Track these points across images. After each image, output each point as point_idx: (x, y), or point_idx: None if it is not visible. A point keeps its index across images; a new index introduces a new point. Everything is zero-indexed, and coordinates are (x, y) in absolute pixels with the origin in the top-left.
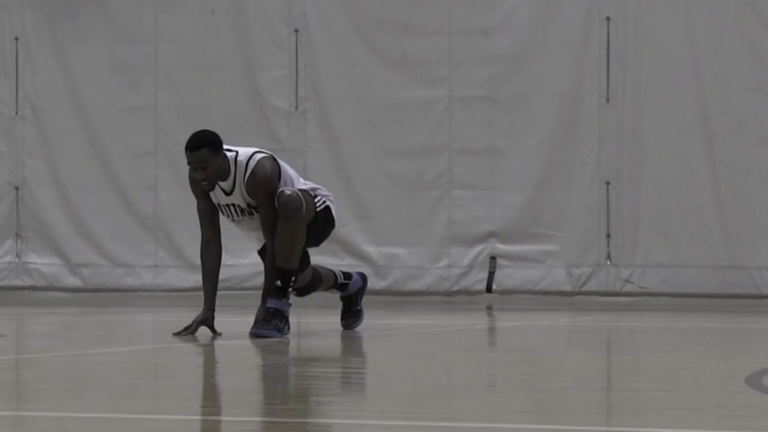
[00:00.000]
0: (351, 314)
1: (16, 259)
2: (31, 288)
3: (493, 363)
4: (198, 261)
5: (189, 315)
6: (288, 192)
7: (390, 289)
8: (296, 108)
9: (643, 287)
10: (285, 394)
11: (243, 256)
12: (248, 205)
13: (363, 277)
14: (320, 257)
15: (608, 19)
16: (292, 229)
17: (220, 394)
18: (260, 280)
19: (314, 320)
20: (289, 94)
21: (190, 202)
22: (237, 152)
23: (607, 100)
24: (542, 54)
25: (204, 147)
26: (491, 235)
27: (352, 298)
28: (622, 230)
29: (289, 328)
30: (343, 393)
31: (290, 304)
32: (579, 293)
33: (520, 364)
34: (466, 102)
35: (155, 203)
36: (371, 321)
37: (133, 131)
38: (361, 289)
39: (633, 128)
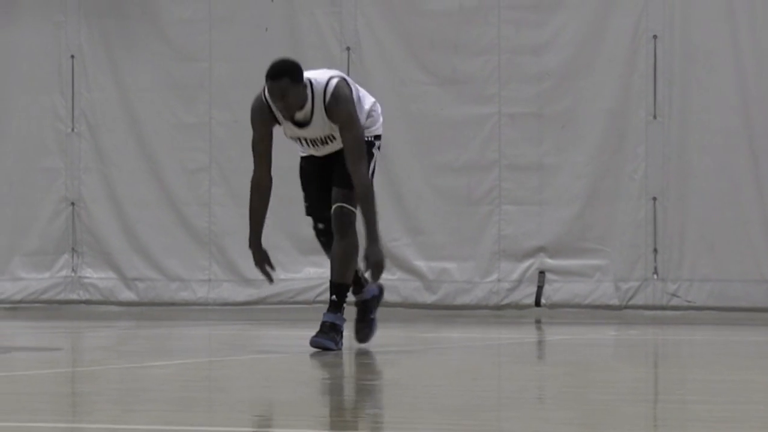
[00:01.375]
0: (365, 323)
1: (72, 274)
2: (87, 302)
3: (541, 376)
4: (250, 275)
5: (243, 329)
6: (342, 204)
7: (440, 303)
8: None
9: (689, 301)
10: (337, 406)
11: (296, 271)
12: (326, 136)
13: (380, 288)
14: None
15: (655, 36)
16: (347, 243)
17: (274, 407)
18: (312, 294)
19: None
20: None
21: (243, 217)
22: (311, 79)
23: (654, 116)
24: (590, 71)
25: (285, 76)
26: (540, 249)
27: (368, 304)
28: (668, 245)
29: (342, 344)
30: (393, 406)
31: (345, 319)
32: (626, 307)
33: (568, 377)
34: (516, 119)
35: (209, 218)
36: (421, 335)
37: (188, 147)
38: (377, 298)
39: (679, 144)
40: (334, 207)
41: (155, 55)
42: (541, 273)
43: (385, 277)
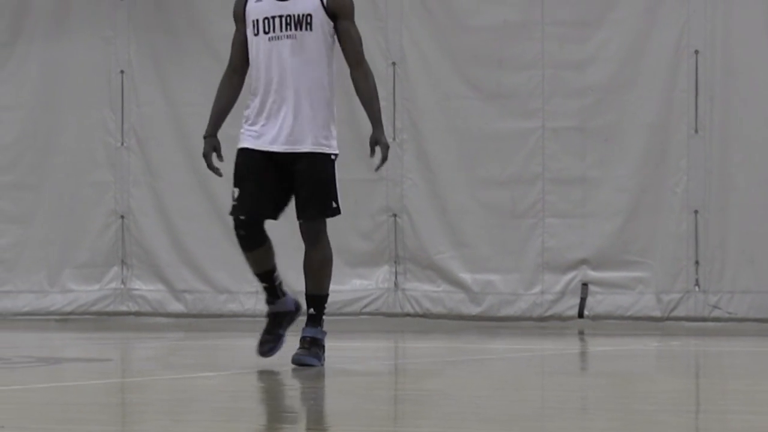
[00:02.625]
0: (272, 336)
1: (122, 286)
2: (136, 314)
3: (584, 387)
4: (297, 287)
5: (289, 340)
6: (312, 217)
7: (484, 314)
8: (394, 139)
9: (730, 313)
10: (383, 416)
11: (342, 283)
12: (305, 15)
13: (297, 305)
14: (416, 283)
15: (697, 52)
16: (321, 253)
17: (320, 417)
18: (358, 306)
19: (410, 345)
20: (386, 125)
21: (291, 229)
22: None
23: (696, 131)
24: (633, 86)
25: None
26: (583, 262)
27: (279, 317)
28: (710, 257)
29: (324, 359)
30: (438, 416)
31: (325, 333)
32: (668, 319)
33: (610, 388)
34: (559, 133)
35: None
36: (466, 346)
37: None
38: (291, 315)
39: (721, 158)
40: (301, 222)
41: (203, 69)
42: (584, 285)
43: (430, 289)
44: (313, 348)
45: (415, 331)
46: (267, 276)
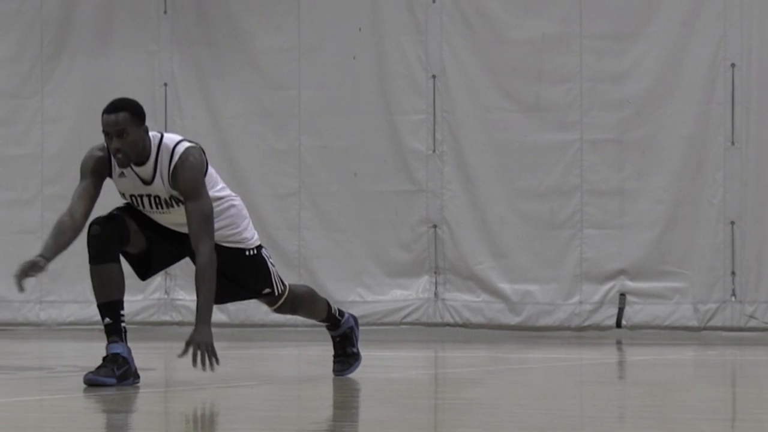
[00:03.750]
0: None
1: (165, 296)
2: (179, 323)
3: (622, 395)
4: (339, 297)
5: (331, 349)
6: (267, 291)
7: (523, 324)
8: (434, 151)
9: (766, 322)
10: (423, 425)
11: (383, 293)
12: (171, 197)
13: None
14: (456, 293)
15: (733, 65)
16: (299, 305)
17: (361, 426)
18: (399, 316)
19: (450, 354)
20: (426, 137)
21: (333, 241)
22: (162, 135)
23: (732, 143)
24: (670, 99)
25: (125, 111)
26: (621, 272)
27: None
28: (746, 268)
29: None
30: (478, 424)
31: (350, 325)
32: (705, 328)
33: (648, 397)
34: (597, 145)
35: (298, 242)
36: (505, 355)
37: (278, 173)
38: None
39: (757, 170)
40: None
41: (246, 83)
42: (622, 295)
43: (470, 299)
44: (347, 347)
45: (455, 340)
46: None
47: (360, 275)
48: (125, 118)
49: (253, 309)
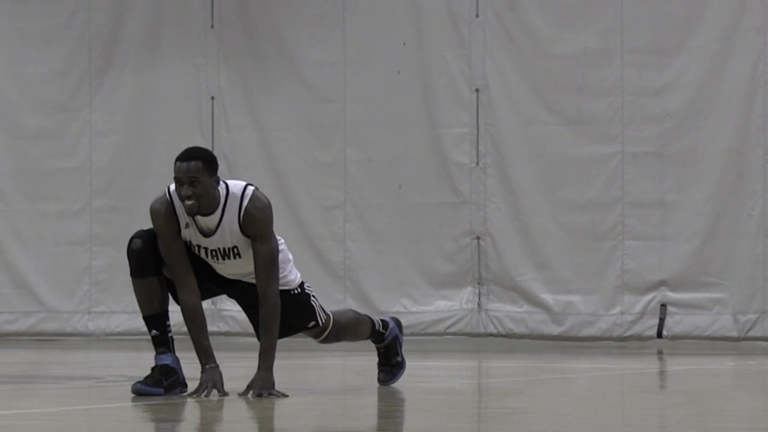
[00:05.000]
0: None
1: (212, 307)
2: (227, 334)
3: (663, 405)
4: (383, 308)
5: (375, 360)
6: (321, 323)
7: (566, 334)
8: (477, 163)
9: None
10: None
11: (427, 304)
12: (229, 248)
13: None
14: (499, 304)
15: None
16: (344, 333)
17: None
18: (442, 326)
19: (493, 364)
20: (470, 150)
21: (378, 252)
22: (227, 184)
23: None
24: (710, 112)
25: (198, 160)
26: (662, 283)
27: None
28: None
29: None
30: None
31: (394, 334)
32: (745, 339)
33: (688, 406)
34: (638, 158)
35: (344, 253)
36: (548, 365)
37: (323, 185)
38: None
39: None
40: (311, 328)
41: (292, 96)
42: (663, 306)
43: (513, 310)
44: (392, 358)
45: (498, 350)
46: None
47: (404, 286)
48: (198, 167)
49: None
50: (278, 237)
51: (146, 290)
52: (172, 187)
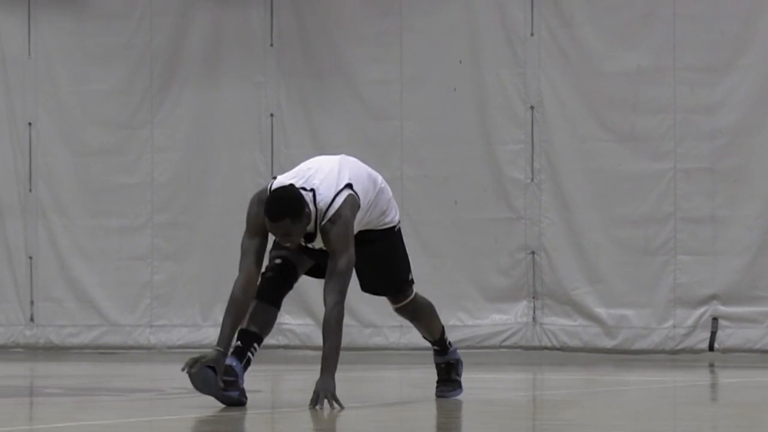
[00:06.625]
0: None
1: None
2: (285, 347)
3: (715, 417)
4: None
5: (431, 373)
6: (399, 285)
7: (619, 348)
8: (532, 179)
9: None
10: None
11: (482, 317)
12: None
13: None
14: (553, 318)
15: None
16: (421, 312)
17: None
18: (498, 339)
19: (548, 377)
20: (525, 166)
21: (434, 267)
22: (315, 191)
23: None
24: (761, 129)
25: (286, 218)
26: (713, 297)
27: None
28: None
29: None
30: None
31: (457, 357)
32: None
33: (739, 418)
34: (690, 174)
35: None
36: (601, 378)
37: None
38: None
39: None
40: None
41: (350, 113)
42: (715, 319)
43: (567, 323)
44: (451, 374)
45: (552, 363)
46: None
47: (460, 300)
48: (286, 225)
49: (356, 333)
50: (376, 175)
51: (259, 312)
52: (275, 183)
